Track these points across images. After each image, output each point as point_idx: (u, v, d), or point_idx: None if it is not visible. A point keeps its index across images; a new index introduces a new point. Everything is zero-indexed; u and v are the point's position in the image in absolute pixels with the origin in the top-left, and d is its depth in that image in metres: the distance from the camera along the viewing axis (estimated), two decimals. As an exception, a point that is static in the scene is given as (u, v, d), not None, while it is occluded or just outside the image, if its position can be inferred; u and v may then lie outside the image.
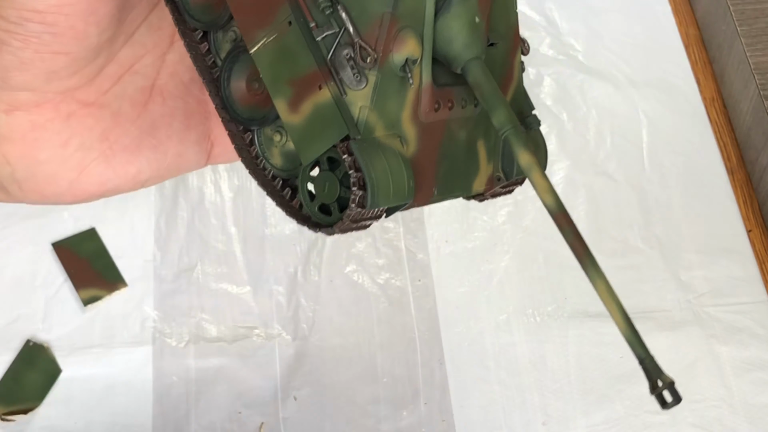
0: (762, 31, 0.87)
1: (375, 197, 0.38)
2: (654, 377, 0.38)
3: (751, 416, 0.73)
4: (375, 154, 0.38)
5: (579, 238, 0.39)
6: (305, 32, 0.38)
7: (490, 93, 0.39)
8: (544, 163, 0.46)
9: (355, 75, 0.38)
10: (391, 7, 0.37)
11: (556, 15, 0.94)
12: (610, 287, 0.40)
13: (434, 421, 0.73)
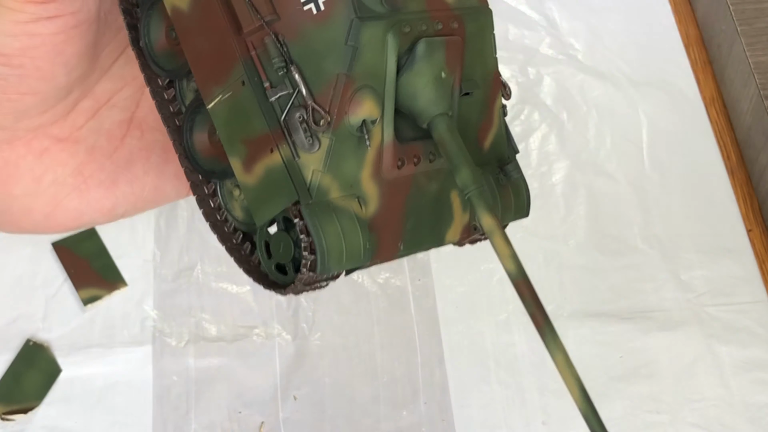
0: (762, 31, 0.87)
1: (326, 263, 0.37)
2: None
3: (750, 416, 0.73)
4: (327, 218, 0.37)
5: (539, 308, 0.38)
6: (259, 92, 0.37)
7: (455, 152, 0.38)
8: (526, 209, 0.45)
9: (308, 138, 0.37)
10: (347, 68, 0.36)
11: (556, 15, 0.94)
12: (569, 360, 0.39)
13: (434, 420, 0.73)
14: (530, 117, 0.87)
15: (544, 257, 0.80)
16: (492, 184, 0.43)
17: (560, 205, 0.83)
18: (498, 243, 0.38)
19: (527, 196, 0.45)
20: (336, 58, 0.36)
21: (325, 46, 0.37)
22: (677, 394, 0.73)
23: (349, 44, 0.36)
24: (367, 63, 0.37)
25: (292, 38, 0.37)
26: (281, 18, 0.37)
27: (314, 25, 0.37)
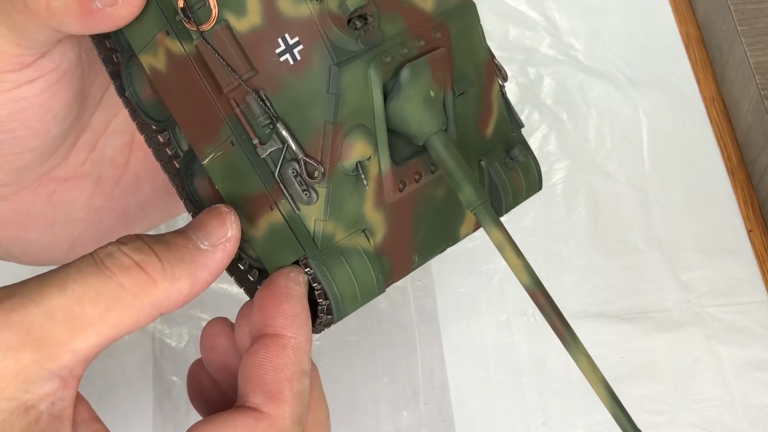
0: (762, 31, 0.87)
1: (341, 309, 0.38)
2: None
3: (751, 416, 0.73)
4: (336, 264, 0.37)
5: (559, 315, 0.38)
6: (249, 150, 0.36)
7: (454, 169, 0.38)
8: (539, 185, 0.46)
9: (305, 192, 0.36)
10: (332, 116, 0.36)
11: (556, 15, 0.94)
12: (593, 363, 0.39)
13: (434, 421, 0.73)
14: (530, 117, 0.87)
15: (544, 257, 0.80)
16: (499, 170, 0.44)
17: (560, 205, 0.83)
18: (509, 257, 0.38)
19: (538, 172, 0.46)
20: (320, 108, 0.36)
21: (307, 97, 0.36)
22: (677, 395, 0.73)
23: (331, 92, 0.36)
24: (352, 104, 0.36)
25: (274, 92, 0.36)
26: (260, 72, 0.36)
27: (293, 77, 0.36)
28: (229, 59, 0.35)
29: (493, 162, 0.43)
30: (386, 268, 0.40)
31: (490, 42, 0.92)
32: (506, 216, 0.84)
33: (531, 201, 0.87)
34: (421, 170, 0.40)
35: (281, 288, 0.37)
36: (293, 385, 0.35)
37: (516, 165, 0.44)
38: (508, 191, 0.44)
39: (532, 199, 0.87)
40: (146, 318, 0.34)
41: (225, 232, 0.36)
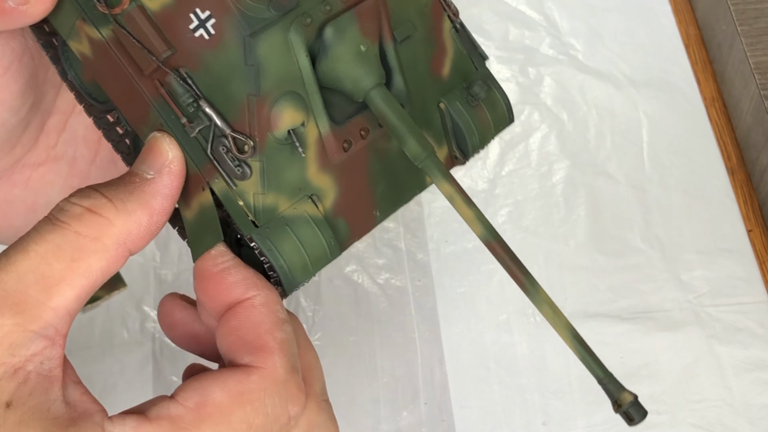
0: (762, 31, 0.87)
1: (290, 281, 0.37)
2: (615, 396, 0.36)
3: (751, 416, 0.73)
4: (281, 236, 0.36)
5: (517, 264, 0.37)
6: (179, 130, 0.36)
7: (396, 123, 0.37)
8: (508, 118, 0.43)
9: (237, 167, 0.36)
10: (254, 88, 0.35)
11: (556, 15, 0.94)
12: (557, 309, 0.38)
13: (434, 421, 0.73)
14: (530, 117, 0.87)
15: (544, 257, 0.80)
16: (461, 110, 0.42)
17: (560, 205, 0.83)
18: (460, 208, 0.37)
19: (506, 105, 0.43)
20: (241, 81, 0.35)
21: (227, 71, 0.35)
22: (678, 395, 0.73)
23: (249, 64, 0.35)
24: (275, 73, 0.36)
25: (194, 68, 0.35)
26: (178, 50, 0.35)
27: (211, 52, 0.35)
28: (144, 41, 0.35)
29: (454, 102, 0.42)
30: (342, 229, 0.39)
31: (490, 42, 0.92)
32: (506, 216, 0.84)
33: (531, 201, 0.87)
34: (368, 126, 0.39)
35: (212, 269, 0.36)
36: (276, 336, 0.35)
37: (480, 102, 0.42)
38: (472, 131, 0.42)
39: (533, 199, 0.87)
40: (115, 259, 0.34)
41: (165, 156, 0.35)
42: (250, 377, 0.34)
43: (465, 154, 0.42)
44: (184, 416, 0.33)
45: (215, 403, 0.33)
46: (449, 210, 0.83)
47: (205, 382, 0.34)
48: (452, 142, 0.42)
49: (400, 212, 0.83)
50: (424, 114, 0.41)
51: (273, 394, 0.33)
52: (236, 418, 0.33)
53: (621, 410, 0.36)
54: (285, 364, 0.34)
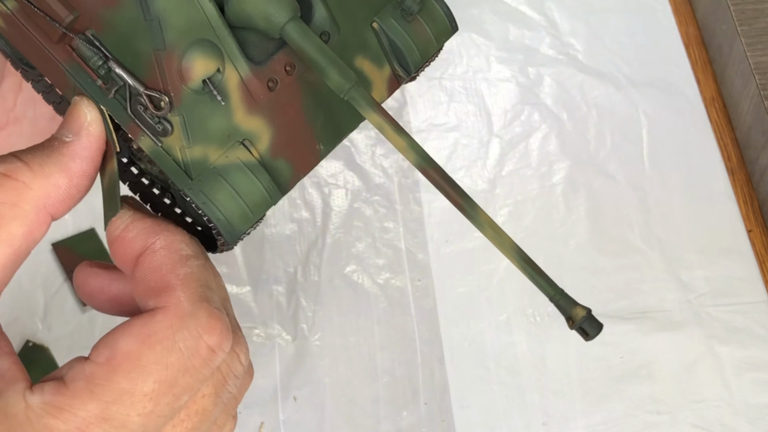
0: (762, 31, 0.87)
1: (230, 231, 0.36)
2: (569, 312, 0.34)
3: (751, 416, 0.73)
4: (215, 187, 0.36)
5: (454, 187, 0.36)
6: (96, 93, 0.35)
7: (315, 57, 0.36)
8: (450, 26, 0.42)
9: (158, 124, 0.35)
10: (159, 42, 0.34)
11: (556, 15, 0.94)
12: (500, 230, 0.35)
13: (434, 421, 0.73)
14: (530, 117, 0.87)
15: (544, 258, 0.80)
16: (396, 27, 0.41)
17: (560, 205, 0.83)
18: (391, 137, 0.35)
19: (446, 14, 0.42)
20: (144, 37, 0.35)
21: (129, 28, 0.35)
22: (678, 395, 0.73)
23: (149, 19, 0.34)
24: (179, 23, 0.35)
25: (99, 29, 0.35)
26: (81, 12, 0.35)
27: (110, 11, 0.35)
28: (45, 8, 0.34)
29: (387, 19, 0.40)
30: (283, 169, 0.38)
31: (491, 42, 0.92)
32: (506, 216, 0.84)
33: (531, 201, 0.87)
34: (293, 61, 0.37)
35: (115, 232, 0.36)
36: (178, 272, 0.34)
37: (416, 15, 0.41)
38: (411, 47, 0.41)
39: (533, 199, 0.87)
40: (37, 223, 0.34)
41: (83, 118, 0.35)
42: (155, 318, 0.33)
43: (408, 71, 0.41)
44: (97, 372, 0.32)
45: (124, 352, 0.32)
46: (449, 210, 0.83)
47: (113, 335, 0.33)
48: (393, 60, 0.41)
49: (400, 212, 0.83)
50: (357, 37, 0.40)
51: (180, 328, 0.32)
52: (148, 361, 0.32)
53: (575, 326, 0.35)
54: (189, 296, 0.33)
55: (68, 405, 0.31)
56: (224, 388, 0.34)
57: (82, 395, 0.31)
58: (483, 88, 0.89)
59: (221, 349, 0.33)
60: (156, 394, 0.32)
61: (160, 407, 0.32)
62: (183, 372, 0.32)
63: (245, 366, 0.35)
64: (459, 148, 0.85)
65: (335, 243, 0.79)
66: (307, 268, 0.78)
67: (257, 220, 0.37)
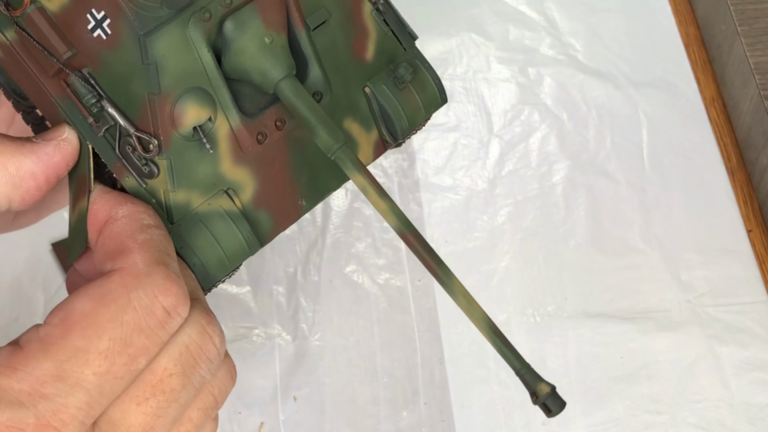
0: (762, 31, 0.87)
1: (206, 277, 0.37)
2: (533, 387, 0.36)
3: (751, 416, 0.73)
4: (194, 233, 0.36)
5: (431, 254, 0.38)
6: (86, 130, 0.35)
7: (306, 115, 0.36)
8: (440, 98, 0.43)
9: (144, 166, 0.35)
10: (154, 87, 0.35)
11: (556, 15, 0.94)
12: (473, 300, 0.38)
13: (434, 421, 0.73)
14: (530, 117, 0.87)
15: (544, 257, 0.80)
16: (387, 93, 0.42)
17: (560, 205, 0.83)
18: (374, 200, 0.36)
19: (437, 85, 0.43)
20: (140, 80, 0.35)
21: (126, 70, 0.35)
22: (678, 395, 0.73)
23: (146, 63, 0.35)
24: (176, 70, 0.35)
25: (96, 68, 0.35)
26: (79, 50, 0.35)
27: (109, 51, 0.35)
28: (45, 42, 0.34)
29: (380, 85, 0.41)
30: (264, 221, 0.39)
31: (491, 42, 0.92)
32: (506, 216, 0.84)
33: (531, 201, 0.87)
34: (284, 117, 0.38)
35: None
36: (137, 238, 0.34)
37: (407, 84, 0.42)
38: (400, 114, 0.42)
39: (533, 199, 0.87)
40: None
41: (61, 133, 0.35)
42: (111, 278, 0.33)
43: (395, 137, 0.42)
44: (51, 333, 0.32)
45: (79, 312, 0.32)
46: (449, 210, 0.83)
47: (69, 298, 0.34)
48: (381, 125, 0.42)
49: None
50: (349, 100, 0.41)
51: (135, 287, 0.32)
52: (103, 319, 0.32)
53: (539, 402, 0.35)
54: (146, 258, 0.33)
55: (22, 365, 0.31)
56: (194, 371, 0.34)
57: (36, 355, 0.31)
58: (483, 88, 0.89)
59: (177, 312, 0.33)
60: (111, 352, 0.32)
61: (116, 367, 0.32)
62: (138, 332, 0.32)
63: (219, 350, 0.35)
64: (459, 148, 0.85)
65: (335, 243, 0.79)
66: (307, 268, 0.78)
67: (233, 268, 0.38)
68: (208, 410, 0.35)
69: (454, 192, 0.83)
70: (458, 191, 0.83)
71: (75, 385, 0.31)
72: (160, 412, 0.33)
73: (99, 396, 0.31)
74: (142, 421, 0.32)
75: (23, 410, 0.30)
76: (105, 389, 0.32)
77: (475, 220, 0.82)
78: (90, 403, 0.31)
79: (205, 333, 0.34)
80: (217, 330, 0.34)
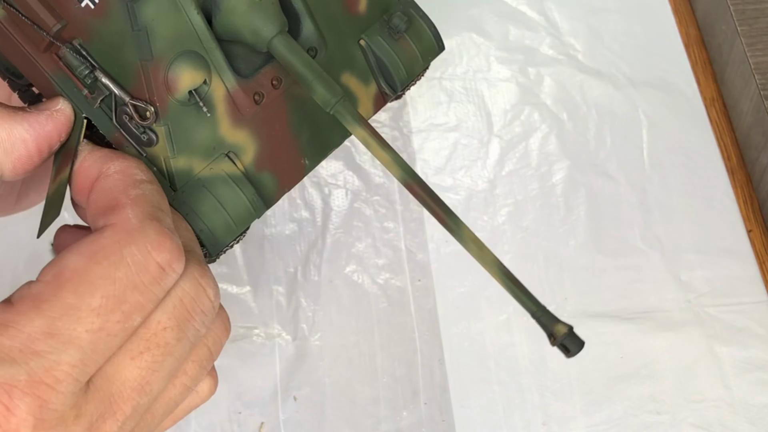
0: (762, 31, 0.87)
1: (213, 242, 0.37)
2: (550, 329, 0.35)
3: (751, 416, 0.73)
4: (199, 198, 0.36)
5: (438, 202, 0.36)
6: (82, 102, 0.36)
7: (302, 71, 0.36)
8: (437, 46, 0.43)
9: (143, 134, 0.35)
10: (146, 53, 0.35)
11: (556, 15, 0.94)
12: (483, 246, 0.35)
13: (434, 421, 0.73)
14: (530, 117, 0.87)
15: (544, 257, 0.80)
16: (383, 44, 0.41)
17: (560, 205, 0.83)
18: (376, 152, 0.36)
19: (432, 32, 0.42)
20: (131, 47, 0.35)
21: (116, 38, 0.35)
22: (678, 395, 0.73)
23: (136, 30, 0.34)
24: (167, 35, 0.35)
25: (87, 39, 0.35)
26: (68, 22, 0.35)
27: (98, 21, 0.35)
28: (33, 16, 0.34)
29: (375, 37, 0.41)
30: (268, 183, 0.38)
31: (491, 42, 0.92)
32: (506, 216, 0.84)
33: (531, 201, 0.87)
34: (280, 75, 0.38)
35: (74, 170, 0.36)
36: (130, 193, 0.34)
37: (402, 34, 0.41)
38: (398, 65, 0.41)
39: (533, 199, 0.87)
40: None
41: (55, 104, 0.35)
42: (103, 234, 0.33)
43: (394, 89, 0.42)
44: (43, 290, 0.32)
45: (71, 268, 0.32)
46: (449, 210, 0.83)
47: (61, 255, 0.33)
48: (379, 78, 0.41)
49: (400, 212, 0.83)
50: (344, 54, 0.40)
51: (128, 243, 0.32)
52: (95, 276, 0.31)
53: (557, 342, 0.35)
54: (138, 213, 0.33)
55: (14, 322, 0.31)
56: (189, 324, 0.33)
57: (28, 312, 0.31)
58: (483, 88, 0.89)
59: (172, 268, 0.32)
60: (104, 309, 0.31)
61: (110, 324, 0.31)
62: (132, 288, 0.31)
63: (214, 303, 0.34)
64: (459, 148, 0.85)
65: (335, 243, 0.79)
66: (307, 268, 0.78)
67: (241, 232, 0.37)
68: (204, 363, 0.35)
69: (455, 192, 0.83)
70: (458, 191, 0.83)
71: (67, 343, 0.31)
72: (155, 366, 0.32)
73: (93, 353, 0.31)
74: (137, 375, 0.32)
75: (15, 367, 0.30)
76: (99, 346, 0.31)
77: (476, 220, 0.82)
78: (84, 360, 0.31)
79: (200, 286, 0.33)
80: (211, 282, 0.34)
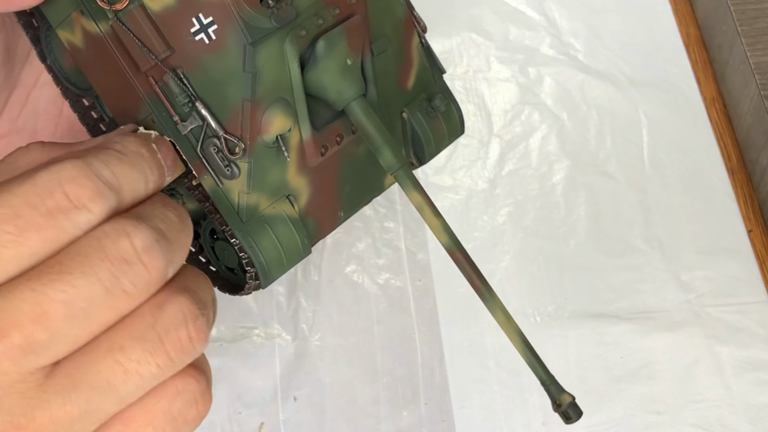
0: (762, 31, 0.87)
1: (267, 275, 0.39)
2: (556, 397, 0.40)
3: (751, 416, 0.73)
4: (261, 234, 0.38)
5: (477, 273, 0.42)
6: (170, 127, 0.37)
7: (374, 134, 0.39)
8: (460, 129, 0.47)
9: (227, 167, 0.37)
10: (250, 94, 0.37)
11: (556, 15, 0.94)
12: (510, 316, 0.41)
13: (434, 421, 0.73)
14: (530, 117, 0.87)
15: (544, 257, 0.80)
16: (421, 120, 0.45)
17: (560, 205, 0.83)
18: (428, 218, 0.40)
19: (459, 118, 0.46)
20: (237, 86, 0.36)
21: (224, 75, 0.36)
22: (678, 395, 0.73)
23: (248, 71, 0.36)
24: (269, 80, 0.37)
25: (191, 69, 0.36)
26: (176, 50, 0.36)
27: (210, 56, 0.36)
28: (144, 39, 0.36)
29: (415, 112, 0.45)
30: (312, 228, 0.41)
31: (491, 42, 0.92)
32: (506, 216, 0.84)
33: (531, 201, 0.87)
34: (342, 132, 0.41)
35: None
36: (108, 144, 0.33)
37: (438, 114, 0.45)
38: (430, 140, 0.45)
39: (533, 199, 0.87)
40: None
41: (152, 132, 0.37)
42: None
43: (420, 161, 0.45)
44: None
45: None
46: (450, 210, 0.83)
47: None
48: (410, 148, 0.45)
49: (400, 212, 0.83)
50: (389, 122, 0.43)
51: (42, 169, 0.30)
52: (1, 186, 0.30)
53: (560, 410, 0.40)
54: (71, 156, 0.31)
55: None
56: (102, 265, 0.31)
57: None
58: (483, 88, 0.89)
59: (83, 204, 0.30)
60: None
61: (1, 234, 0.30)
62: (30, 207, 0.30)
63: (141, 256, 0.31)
64: (459, 148, 0.85)
65: (335, 243, 0.79)
66: (307, 268, 0.78)
67: (287, 270, 0.40)
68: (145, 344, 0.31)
69: (455, 192, 0.83)
70: (458, 191, 0.83)
71: None
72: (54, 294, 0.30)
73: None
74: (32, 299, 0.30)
75: None
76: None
77: (476, 220, 0.82)
78: None
79: (123, 231, 0.31)
80: (141, 235, 0.31)
